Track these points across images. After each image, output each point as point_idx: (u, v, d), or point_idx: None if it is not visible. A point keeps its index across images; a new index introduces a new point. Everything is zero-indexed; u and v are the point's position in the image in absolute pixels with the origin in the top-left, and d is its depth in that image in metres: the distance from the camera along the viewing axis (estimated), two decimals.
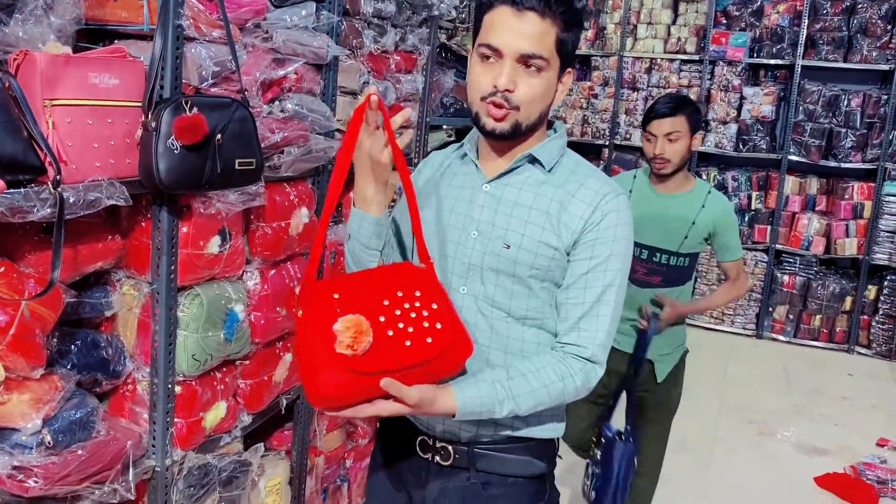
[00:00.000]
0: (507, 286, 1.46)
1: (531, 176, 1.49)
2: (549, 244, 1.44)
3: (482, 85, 1.40)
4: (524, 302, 1.46)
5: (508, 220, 1.46)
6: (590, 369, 1.44)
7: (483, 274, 1.47)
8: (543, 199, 1.46)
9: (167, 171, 1.59)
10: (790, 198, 5.91)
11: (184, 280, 1.81)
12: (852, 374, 5.38)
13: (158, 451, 1.85)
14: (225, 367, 2.02)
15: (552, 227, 1.44)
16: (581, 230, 1.43)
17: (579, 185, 1.46)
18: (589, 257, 1.43)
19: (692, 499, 3.42)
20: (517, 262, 1.44)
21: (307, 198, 2.16)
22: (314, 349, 1.29)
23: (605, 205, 1.44)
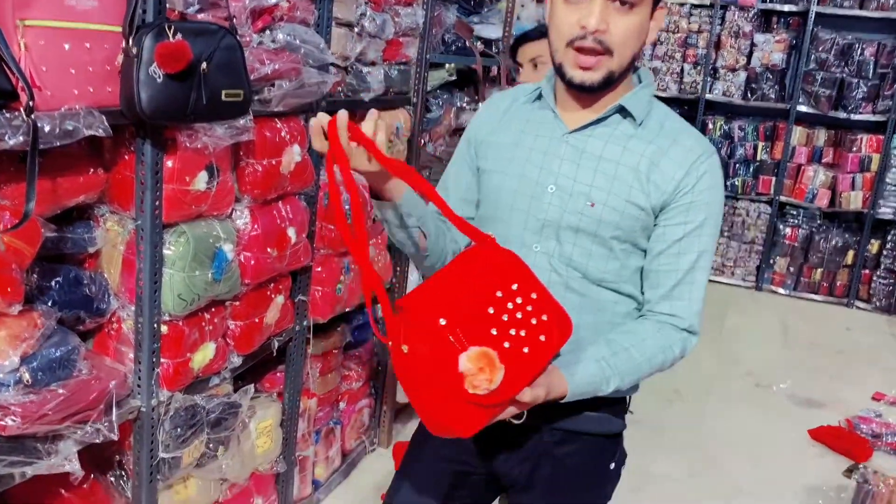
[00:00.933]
0: (587, 246, 1.37)
1: (619, 128, 1.36)
2: (636, 204, 1.33)
3: (567, 27, 1.28)
4: (603, 263, 1.37)
5: (593, 176, 1.35)
6: (687, 339, 1.38)
7: (560, 232, 1.37)
8: (633, 155, 1.34)
9: (149, 101, 1.51)
10: (797, 149, 5.80)
11: (169, 217, 1.75)
12: (850, 328, 5.35)
13: (144, 392, 1.80)
14: (214, 308, 1.97)
15: (641, 186, 1.33)
16: (673, 192, 1.33)
17: (672, 141, 1.35)
18: (683, 222, 1.34)
19: (686, 449, 3.42)
20: (601, 221, 1.34)
21: (299, 135, 2.08)
22: (438, 392, 1.17)
23: (700, 165, 1.33)
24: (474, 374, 1.15)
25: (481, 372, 1.15)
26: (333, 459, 2.82)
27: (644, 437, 3.48)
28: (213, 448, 2.02)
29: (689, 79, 5.98)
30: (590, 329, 1.39)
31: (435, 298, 1.21)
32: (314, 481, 2.72)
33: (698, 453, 3.40)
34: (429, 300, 1.21)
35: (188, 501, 2.06)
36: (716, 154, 1.38)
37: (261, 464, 2.34)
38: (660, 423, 3.64)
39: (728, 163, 5.95)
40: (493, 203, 1.45)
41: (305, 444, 2.60)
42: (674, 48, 5.99)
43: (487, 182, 1.46)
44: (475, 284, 1.23)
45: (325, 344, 2.57)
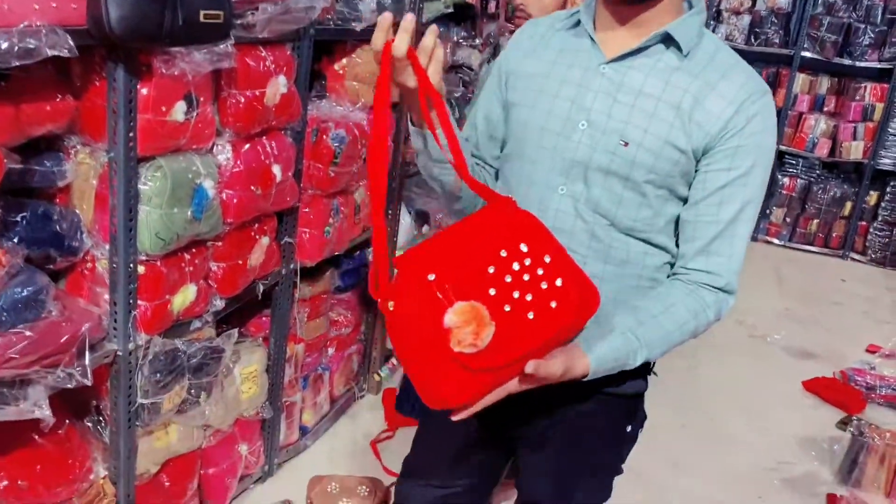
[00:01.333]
0: (617, 191, 1.25)
1: (662, 59, 1.23)
2: (675, 145, 1.21)
3: None
4: (633, 211, 1.26)
5: (629, 113, 1.22)
6: (723, 300, 1.26)
7: (588, 173, 1.25)
8: (675, 91, 1.21)
9: (119, 20, 1.38)
10: (799, 97, 5.67)
11: (145, 149, 1.63)
12: (845, 280, 5.31)
13: (120, 335, 1.71)
14: (195, 248, 1.86)
15: (682, 125, 1.20)
16: (718, 134, 1.20)
17: (721, 76, 1.21)
18: (728, 168, 1.21)
19: (680, 399, 3.38)
20: (635, 163, 1.22)
21: (285, 65, 1.94)
22: (424, 351, 1.08)
23: (751, 105, 1.20)
24: (459, 328, 1.06)
25: (466, 325, 1.05)
26: (321, 406, 2.75)
27: None
28: (195, 394, 1.94)
29: None
30: (615, 282, 1.29)
31: (431, 254, 1.11)
32: (302, 427, 2.66)
33: (691, 404, 3.36)
34: (424, 256, 1.11)
35: (169, 448, 1.99)
36: (770, 94, 1.25)
37: (246, 410, 2.27)
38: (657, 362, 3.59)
39: None
40: (519, 140, 1.34)
41: (292, 390, 2.53)
42: None
43: (515, 116, 1.35)
44: (478, 242, 1.12)
45: (312, 288, 2.48)
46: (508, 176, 1.38)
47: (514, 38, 1.43)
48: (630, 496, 2.65)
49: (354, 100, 2.35)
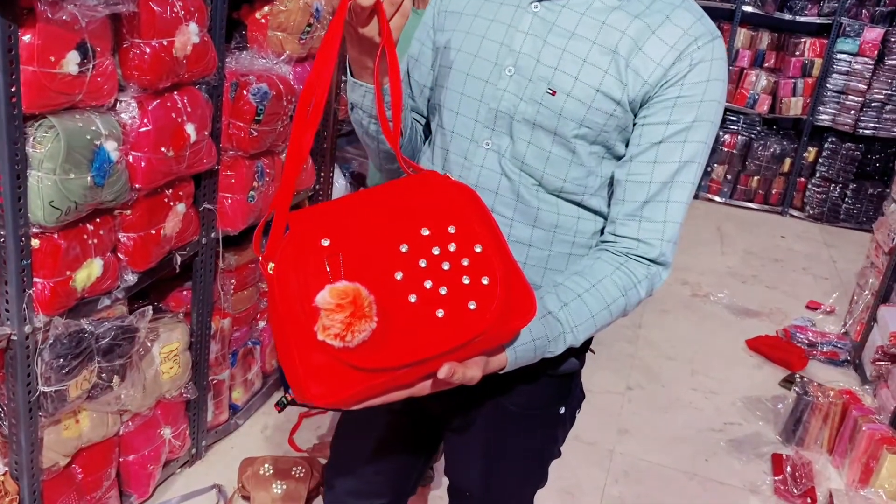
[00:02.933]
0: (545, 146, 1.11)
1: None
2: (609, 95, 1.07)
3: None
4: (562, 170, 1.12)
5: (559, 57, 1.08)
6: (655, 274, 1.12)
7: (514, 126, 1.12)
8: (612, 33, 1.08)
9: None
10: (740, 52, 5.62)
11: (31, 106, 1.42)
12: (784, 236, 5.34)
13: (14, 317, 1.52)
14: (99, 218, 1.67)
15: (617, 72, 1.07)
16: (658, 83, 1.06)
17: (664, 17, 1.07)
18: (666, 121, 1.07)
19: (622, 362, 3.33)
20: (562, 114, 1.08)
21: (197, 11, 1.73)
22: (287, 328, 0.88)
23: (697, 51, 1.06)
24: (329, 313, 0.85)
25: (339, 311, 0.85)
26: (253, 382, 2.59)
27: None
28: (106, 378, 1.77)
29: None
30: (544, 248, 1.16)
31: (334, 217, 0.93)
32: (232, 406, 2.50)
33: (635, 367, 3.32)
34: (325, 217, 0.92)
35: (81, 437, 1.82)
36: (720, 40, 1.09)
37: (168, 391, 2.10)
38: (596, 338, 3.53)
39: None
40: (443, 87, 1.19)
41: (220, 368, 2.36)
42: None
43: (441, 61, 1.20)
44: (398, 212, 0.94)
45: (238, 258, 2.30)
46: (434, 130, 1.24)
47: None
48: (575, 462, 2.59)
49: (279, 52, 2.15)
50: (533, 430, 1.29)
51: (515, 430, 1.27)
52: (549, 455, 1.35)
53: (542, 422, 1.29)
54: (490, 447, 1.28)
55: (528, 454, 1.31)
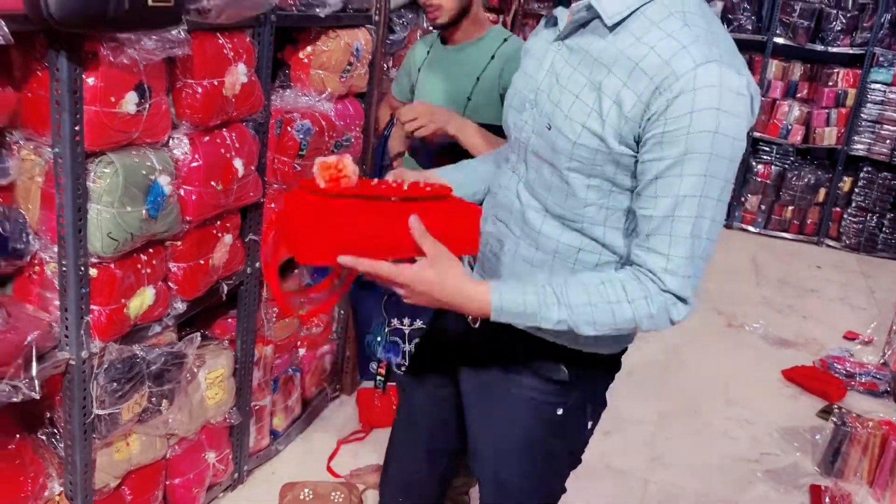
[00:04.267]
0: (546, 176, 1.19)
1: (595, 30, 1.14)
2: (590, 129, 1.11)
3: None
4: (561, 199, 1.19)
5: (560, 94, 1.15)
6: (670, 303, 1.12)
7: (528, 155, 1.22)
8: (600, 67, 1.11)
9: (58, 3, 1.27)
10: (772, 83, 5.64)
11: (93, 144, 1.52)
12: (821, 266, 5.30)
13: (73, 343, 1.60)
14: (152, 249, 1.76)
15: (599, 109, 1.10)
16: (641, 118, 1.07)
17: (648, 49, 1.07)
18: (658, 158, 1.07)
19: (657, 391, 3.33)
20: (555, 148, 1.15)
21: (245, 52, 1.83)
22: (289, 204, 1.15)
23: (676, 83, 1.03)
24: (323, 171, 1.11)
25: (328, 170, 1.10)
26: (293, 408, 2.66)
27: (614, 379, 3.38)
28: (156, 402, 1.84)
29: None
30: (545, 270, 1.24)
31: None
32: (272, 431, 2.56)
33: (670, 395, 3.32)
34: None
35: (131, 459, 1.89)
36: (708, 66, 1.04)
37: (213, 416, 2.16)
38: (630, 365, 3.54)
39: None
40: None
41: (262, 394, 2.43)
42: None
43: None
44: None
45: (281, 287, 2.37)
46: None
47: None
48: (607, 489, 2.60)
49: (321, 89, 2.25)
50: (532, 426, 1.36)
51: (516, 419, 1.36)
52: (555, 456, 1.40)
53: (538, 419, 1.35)
54: (491, 428, 1.39)
55: (530, 448, 1.38)
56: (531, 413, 1.35)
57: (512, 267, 1.27)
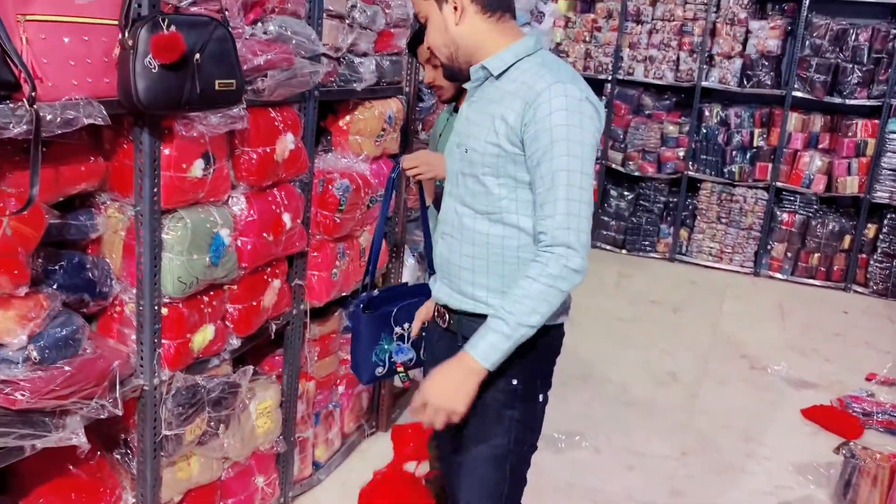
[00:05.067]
0: (469, 185, 1.63)
1: (485, 86, 1.63)
2: (490, 142, 1.56)
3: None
4: (482, 199, 1.61)
5: (467, 128, 1.65)
6: (559, 256, 1.50)
7: (457, 177, 1.67)
8: (489, 104, 1.59)
9: (145, 91, 1.58)
10: (793, 135, 5.85)
11: (168, 203, 1.82)
12: (847, 311, 5.41)
13: (146, 371, 1.88)
14: (212, 292, 2.05)
15: (492, 126, 1.56)
16: (520, 127, 1.52)
17: (521, 84, 1.54)
18: (535, 150, 1.51)
19: (679, 428, 3.49)
20: (472, 162, 1.60)
21: (292, 123, 2.15)
22: None
23: (538, 97, 1.50)
24: None
25: None
26: (333, 441, 2.90)
27: (637, 418, 3.56)
28: (214, 426, 2.10)
29: (685, 66, 6.03)
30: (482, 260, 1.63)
31: None
32: (315, 462, 2.80)
33: (691, 432, 3.47)
34: None
35: (191, 479, 2.15)
36: (562, 84, 1.50)
37: (262, 444, 2.42)
38: (653, 405, 3.72)
39: (725, 150, 6.00)
40: None
41: (305, 426, 2.68)
42: (669, 36, 6.04)
43: None
44: None
45: (322, 328, 2.65)
46: None
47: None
48: None
49: (357, 152, 2.56)
50: (483, 422, 1.68)
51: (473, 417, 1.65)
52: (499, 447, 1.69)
53: (489, 417, 1.68)
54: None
55: (478, 440, 1.70)
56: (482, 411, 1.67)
57: (459, 263, 1.66)
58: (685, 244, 6.29)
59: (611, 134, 6.33)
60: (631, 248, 6.38)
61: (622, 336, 4.59)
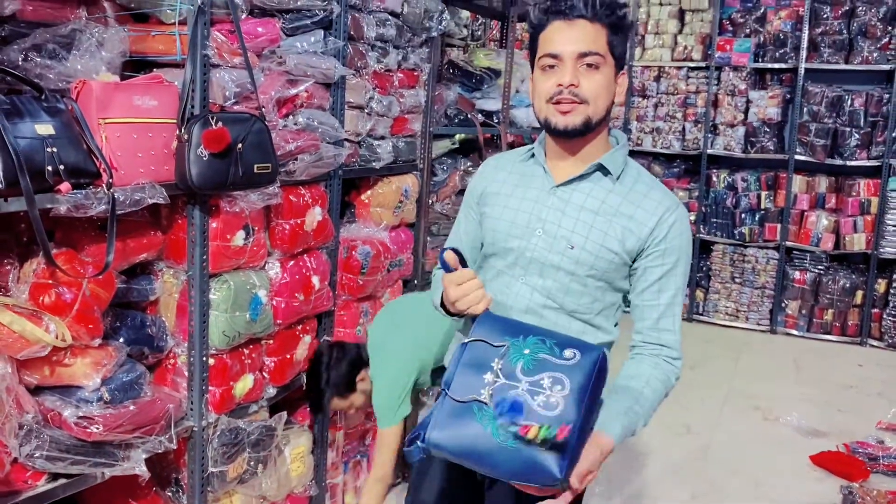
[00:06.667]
0: (565, 282, 1.63)
1: (599, 183, 1.64)
2: (611, 249, 1.60)
3: (546, 88, 1.57)
4: (576, 297, 1.64)
5: (574, 223, 1.62)
6: (679, 366, 1.65)
7: (543, 269, 1.63)
8: (609, 207, 1.61)
9: (198, 175, 1.93)
10: (798, 196, 6.10)
11: (215, 268, 2.15)
12: (862, 364, 5.53)
13: (196, 414, 2.18)
14: (252, 345, 2.35)
15: (615, 234, 1.59)
16: (647, 238, 1.60)
17: (644, 196, 1.62)
18: (661, 264, 1.61)
19: (690, 476, 3.66)
20: (579, 261, 1.61)
21: (320, 198, 2.49)
22: None
23: (670, 216, 1.60)
24: None
25: None
26: (361, 489, 3.13)
27: (650, 467, 3.74)
28: (253, 465, 2.38)
29: (691, 136, 6.36)
30: None
31: None
32: None
33: (702, 479, 3.64)
34: None
35: None
36: (682, 207, 1.65)
37: (295, 486, 2.67)
38: (668, 455, 3.89)
39: (734, 212, 6.26)
40: (492, 240, 1.73)
41: (335, 472, 2.93)
42: (674, 108, 6.40)
43: (488, 224, 1.73)
44: None
45: None
46: (485, 267, 1.80)
47: (482, 169, 1.87)
48: None
49: (378, 222, 2.89)
50: None
51: None
52: None
53: None
54: None
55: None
56: None
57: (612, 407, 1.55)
58: (701, 304, 6.50)
59: None
60: None
61: None
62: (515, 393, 1.35)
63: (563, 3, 1.55)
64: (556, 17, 1.57)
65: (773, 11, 6.08)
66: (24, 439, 1.74)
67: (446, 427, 1.39)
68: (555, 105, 1.56)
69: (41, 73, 1.77)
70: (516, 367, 1.39)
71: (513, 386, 1.36)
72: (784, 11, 6.04)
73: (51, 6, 1.81)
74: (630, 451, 3.90)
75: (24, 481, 1.76)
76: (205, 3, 1.93)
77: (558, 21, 1.57)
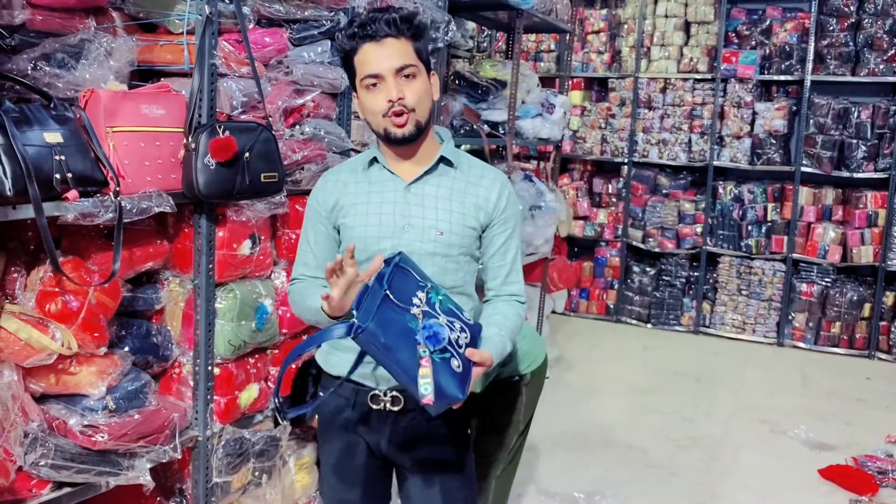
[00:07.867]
0: (442, 264, 1.79)
1: (444, 174, 1.81)
2: (470, 226, 1.80)
3: (377, 105, 1.70)
4: (453, 275, 1.81)
5: (437, 212, 1.78)
6: (525, 305, 1.90)
7: (420, 258, 1.74)
8: (458, 192, 1.80)
9: (205, 184, 1.94)
10: (805, 208, 6.08)
11: (221, 277, 2.15)
12: (870, 377, 5.50)
13: (200, 423, 2.17)
14: (257, 354, 2.35)
15: (471, 212, 1.80)
16: (493, 210, 1.81)
17: (481, 176, 1.84)
18: (503, 230, 1.85)
19: (696, 489, 3.63)
20: (450, 243, 1.78)
21: None
22: None
23: (505, 189, 1.84)
24: None
25: None
26: None
27: (657, 480, 3.72)
28: (258, 475, 2.37)
29: (697, 147, 6.36)
30: None
31: None
32: None
33: (709, 491, 3.61)
34: None
35: None
36: (507, 179, 1.89)
37: (300, 497, 2.66)
38: (674, 468, 3.87)
39: (740, 224, 6.25)
40: (363, 246, 1.74)
41: None
42: (680, 120, 6.40)
43: (352, 233, 1.78)
44: None
45: None
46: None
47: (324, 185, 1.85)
48: None
49: None
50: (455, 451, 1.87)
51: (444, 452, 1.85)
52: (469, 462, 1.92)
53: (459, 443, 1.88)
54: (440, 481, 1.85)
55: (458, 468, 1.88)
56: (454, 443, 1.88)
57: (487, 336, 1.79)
58: (708, 317, 6.47)
59: (630, 212, 6.64)
60: (656, 321, 6.57)
61: (645, 405, 4.76)
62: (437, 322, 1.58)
63: (369, 27, 1.70)
64: (365, 41, 1.71)
65: (779, 23, 6.09)
66: (29, 447, 1.73)
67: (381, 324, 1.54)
68: (392, 118, 1.70)
69: (50, 82, 1.78)
70: (435, 304, 1.62)
71: (434, 315, 1.59)
72: (790, 24, 6.04)
73: (60, 16, 1.83)
74: (637, 464, 3.88)
75: (29, 490, 1.76)
76: (213, 12, 1.94)
77: (368, 44, 1.70)
